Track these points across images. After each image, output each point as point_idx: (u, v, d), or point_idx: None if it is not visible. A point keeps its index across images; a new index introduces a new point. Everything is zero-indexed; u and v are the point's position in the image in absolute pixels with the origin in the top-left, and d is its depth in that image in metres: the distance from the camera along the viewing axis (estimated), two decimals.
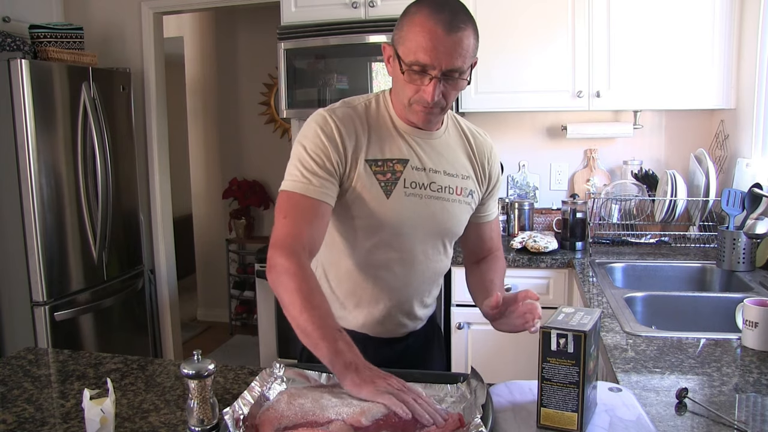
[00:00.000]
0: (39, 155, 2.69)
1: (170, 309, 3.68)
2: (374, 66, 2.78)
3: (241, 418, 0.98)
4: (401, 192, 1.29)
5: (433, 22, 1.15)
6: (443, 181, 1.33)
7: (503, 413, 1.03)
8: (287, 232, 1.20)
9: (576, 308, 1.04)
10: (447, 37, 1.15)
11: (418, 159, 1.31)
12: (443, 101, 1.23)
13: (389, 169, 1.28)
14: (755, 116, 2.38)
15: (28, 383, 1.30)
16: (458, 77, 1.20)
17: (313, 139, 1.25)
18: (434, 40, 1.15)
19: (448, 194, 1.33)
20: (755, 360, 1.34)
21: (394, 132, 1.31)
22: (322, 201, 1.22)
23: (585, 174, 3.00)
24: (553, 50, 2.67)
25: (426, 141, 1.33)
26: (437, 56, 1.16)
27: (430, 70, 1.17)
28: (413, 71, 1.19)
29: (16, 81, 2.62)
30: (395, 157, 1.29)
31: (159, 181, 3.58)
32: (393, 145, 1.30)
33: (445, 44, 1.15)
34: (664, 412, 1.10)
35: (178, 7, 3.53)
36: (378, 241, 1.31)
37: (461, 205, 1.36)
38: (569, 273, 2.46)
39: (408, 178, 1.29)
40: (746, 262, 2.09)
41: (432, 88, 1.19)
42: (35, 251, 2.70)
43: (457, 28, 1.16)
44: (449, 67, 1.17)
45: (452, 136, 1.38)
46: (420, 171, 1.31)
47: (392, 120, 1.32)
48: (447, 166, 1.34)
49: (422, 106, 1.23)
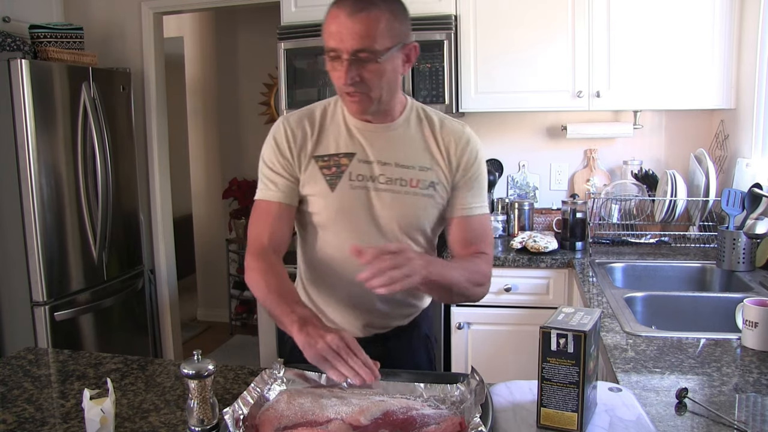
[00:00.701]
0: (39, 155, 2.69)
1: (170, 309, 3.68)
2: None
3: (241, 418, 0.98)
4: (346, 185, 1.33)
5: (337, 7, 1.21)
6: (394, 173, 1.33)
7: (503, 413, 1.03)
8: (253, 237, 1.35)
9: (576, 308, 1.04)
10: (350, 18, 1.19)
11: (365, 152, 1.34)
12: (365, 86, 1.24)
13: (335, 163, 1.34)
14: (755, 116, 2.38)
15: (28, 383, 1.30)
16: (372, 59, 1.22)
17: (267, 147, 1.38)
18: (338, 24, 1.20)
19: (400, 186, 1.33)
20: (755, 360, 1.34)
21: (344, 128, 1.36)
22: (279, 202, 1.34)
23: (585, 174, 3.00)
24: (553, 50, 2.67)
25: (377, 134, 1.35)
26: (342, 39, 1.20)
27: (341, 54, 1.21)
28: (330, 58, 1.24)
29: (16, 81, 2.62)
30: (341, 152, 1.34)
31: (159, 181, 3.58)
32: (341, 141, 1.35)
33: (348, 26, 1.19)
34: (664, 412, 1.10)
35: (178, 7, 3.53)
36: (331, 235, 1.36)
37: (418, 198, 1.34)
38: (569, 273, 2.46)
39: (354, 171, 1.33)
40: (746, 262, 2.09)
41: (344, 71, 1.22)
42: (35, 251, 2.70)
43: (360, 9, 1.19)
44: (355, 48, 1.20)
45: (412, 128, 1.37)
46: (367, 164, 1.34)
47: (345, 118, 1.37)
48: (400, 158, 1.34)
49: (346, 93, 1.26)
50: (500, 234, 2.87)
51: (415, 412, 1.01)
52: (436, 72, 2.69)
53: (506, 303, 2.52)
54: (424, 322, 1.52)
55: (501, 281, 2.51)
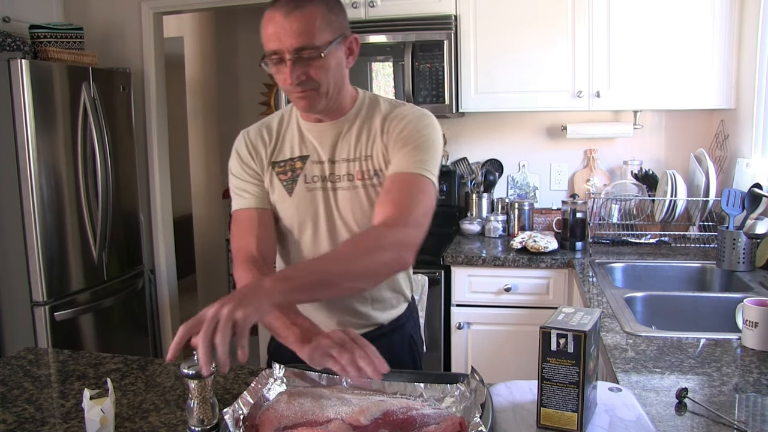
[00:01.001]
0: (39, 155, 2.69)
1: (170, 309, 3.68)
2: (374, 66, 2.78)
3: (241, 418, 0.98)
4: (303, 188, 1.35)
5: (273, 10, 1.21)
6: (341, 170, 1.34)
7: (503, 413, 1.03)
8: (237, 248, 1.33)
9: (576, 308, 1.03)
10: (286, 18, 1.19)
11: (317, 153, 1.35)
12: (311, 82, 1.24)
13: (290, 168, 1.36)
14: (755, 116, 2.38)
15: (28, 383, 1.30)
16: (315, 55, 1.22)
17: (232, 160, 1.40)
18: (275, 25, 1.20)
19: (348, 181, 1.34)
20: (755, 360, 1.34)
21: (297, 133, 1.38)
22: (256, 207, 1.35)
23: (585, 174, 3.00)
24: (553, 50, 2.67)
25: (328, 133, 1.35)
26: (281, 39, 1.20)
27: (283, 55, 1.21)
28: (273, 62, 1.24)
29: (16, 81, 2.61)
30: (296, 156, 1.36)
31: (159, 181, 3.58)
32: (296, 145, 1.37)
33: (285, 25, 1.19)
34: (664, 412, 1.10)
35: (178, 7, 3.52)
36: (298, 238, 1.38)
37: (366, 189, 1.32)
38: (569, 273, 2.46)
39: (309, 173, 1.35)
40: (746, 262, 2.09)
41: (288, 70, 1.21)
42: (35, 251, 2.70)
43: (295, 8, 1.20)
44: (296, 46, 1.20)
45: (363, 120, 1.34)
46: (320, 164, 1.35)
47: (298, 122, 1.39)
48: (348, 152, 1.34)
49: (293, 92, 1.26)
50: (500, 234, 2.87)
51: (415, 412, 1.01)
52: (436, 72, 2.69)
53: (506, 303, 2.52)
54: (408, 323, 1.51)
55: (501, 281, 2.51)
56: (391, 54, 2.74)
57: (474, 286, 2.55)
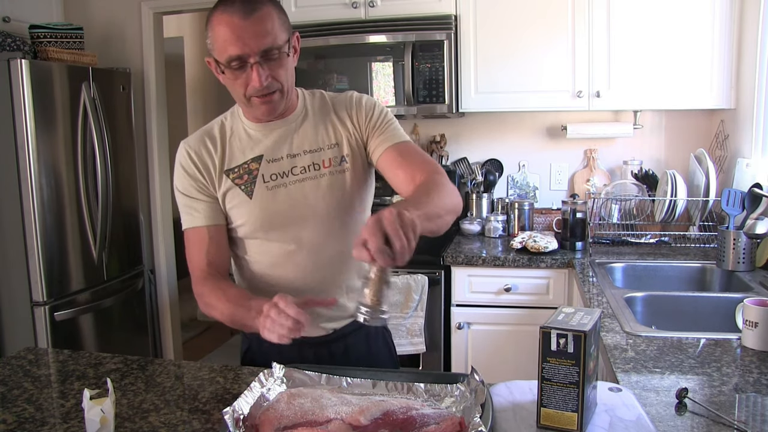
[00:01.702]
0: (39, 155, 2.69)
1: (170, 309, 3.68)
2: (374, 66, 2.78)
3: (241, 418, 0.98)
4: (262, 188, 1.33)
5: (228, 14, 1.18)
6: (305, 161, 1.34)
7: (503, 413, 1.03)
8: (192, 268, 1.34)
9: (576, 308, 1.04)
10: (246, 21, 1.17)
11: (272, 151, 1.34)
12: (276, 83, 1.24)
13: (245, 171, 1.34)
14: (755, 116, 2.38)
15: (28, 383, 1.30)
16: (278, 55, 1.22)
17: (176, 176, 1.36)
18: (236, 30, 1.17)
19: (314, 171, 1.34)
20: (755, 360, 1.34)
21: (245, 136, 1.35)
22: (206, 225, 1.33)
23: (585, 174, 3.00)
24: (553, 50, 2.67)
25: (279, 130, 1.34)
26: (245, 43, 1.18)
27: (248, 59, 1.19)
28: (234, 68, 1.21)
29: (16, 81, 2.62)
30: (248, 158, 1.34)
31: (159, 181, 3.58)
32: (246, 149, 1.34)
33: (248, 29, 1.17)
34: (664, 412, 1.10)
35: (178, 7, 3.53)
36: (261, 242, 1.36)
37: (336, 176, 1.34)
38: (569, 273, 2.46)
39: (266, 173, 1.33)
40: (746, 262, 2.09)
41: (256, 74, 1.20)
42: (35, 251, 2.70)
43: (253, 10, 1.18)
44: (262, 48, 1.19)
45: (310, 112, 1.37)
46: (277, 161, 1.33)
47: (244, 125, 1.36)
48: (307, 144, 1.35)
49: (259, 96, 1.24)
50: (500, 234, 2.87)
51: (415, 412, 1.01)
52: (436, 72, 2.69)
53: (506, 303, 2.52)
54: None
55: (501, 281, 2.51)
56: (391, 54, 2.74)
57: (474, 286, 2.55)
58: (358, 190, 1.38)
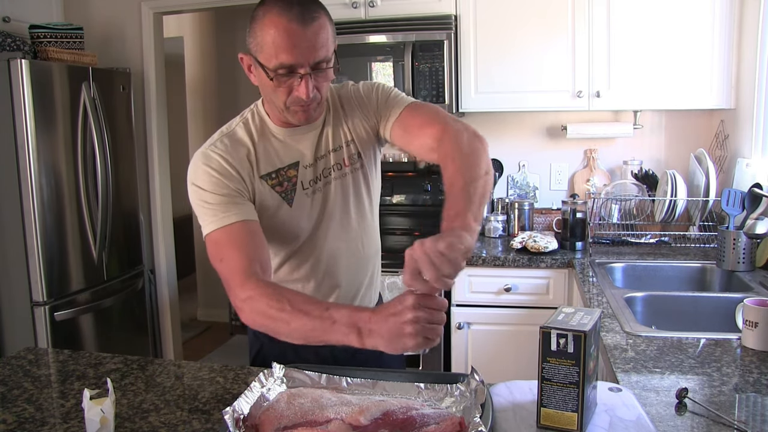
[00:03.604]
0: (39, 155, 2.69)
1: (170, 309, 3.68)
2: (374, 66, 2.78)
3: (241, 418, 0.98)
4: (302, 195, 1.31)
5: (286, 19, 1.12)
6: (330, 162, 1.33)
7: (503, 413, 1.03)
8: (229, 271, 1.15)
9: (576, 308, 1.04)
10: (304, 31, 1.12)
11: (304, 156, 1.31)
12: (318, 95, 1.21)
13: (285, 178, 1.30)
14: (755, 116, 2.38)
15: (28, 383, 1.30)
16: (326, 67, 1.19)
17: (206, 178, 1.22)
18: (293, 37, 1.12)
19: (338, 171, 1.33)
20: (755, 360, 1.34)
21: (275, 140, 1.31)
22: (244, 221, 1.19)
23: (585, 174, 3.00)
24: (553, 50, 2.67)
25: (310, 134, 1.32)
26: (301, 53, 1.13)
27: (299, 69, 1.15)
28: (281, 75, 1.16)
29: (16, 81, 2.61)
30: (285, 164, 1.30)
31: (159, 181, 3.58)
32: (282, 154, 1.30)
33: (305, 39, 1.13)
34: (664, 412, 1.10)
35: (178, 7, 3.53)
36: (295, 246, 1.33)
37: (355, 174, 1.35)
38: (569, 273, 2.46)
39: (304, 179, 1.31)
40: (746, 262, 2.09)
41: (305, 86, 1.16)
42: (35, 251, 2.70)
43: (312, 19, 1.13)
44: (315, 60, 1.15)
45: (332, 111, 1.36)
46: (311, 166, 1.32)
47: (271, 130, 1.31)
48: (330, 144, 1.33)
49: (300, 106, 1.20)
50: (500, 234, 2.87)
51: (415, 412, 1.01)
52: (436, 72, 2.69)
53: (506, 303, 2.52)
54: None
55: (501, 281, 2.51)
56: (391, 54, 2.74)
57: (474, 286, 2.55)
58: (372, 186, 1.39)
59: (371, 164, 1.38)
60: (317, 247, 1.35)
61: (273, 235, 1.31)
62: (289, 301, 1.06)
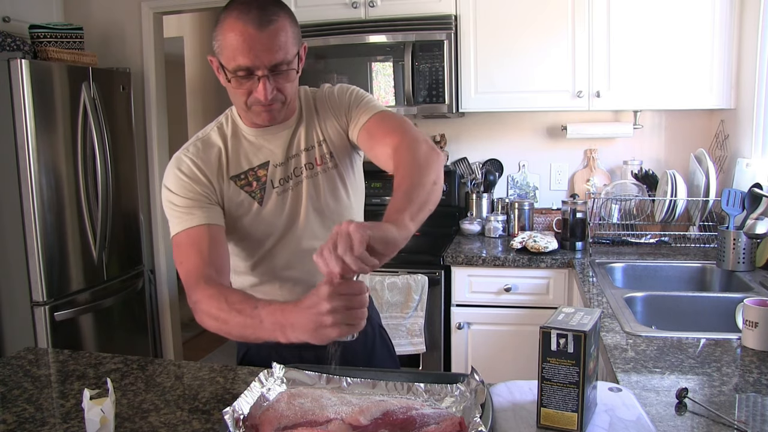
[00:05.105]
0: (39, 155, 2.69)
1: (170, 309, 3.68)
2: (374, 66, 2.78)
3: (241, 418, 0.98)
4: (272, 194, 1.31)
5: (242, 22, 1.14)
6: (301, 161, 1.34)
7: (503, 413, 1.03)
8: (187, 272, 1.20)
9: (576, 308, 1.03)
10: (260, 33, 1.14)
11: (275, 155, 1.32)
12: (281, 95, 1.23)
13: (253, 178, 1.31)
14: (755, 116, 2.38)
15: (28, 383, 1.30)
16: (286, 69, 1.20)
17: (175, 181, 1.27)
18: (249, 40, 1.14)
19: (309, 170, 1.34)
20: (755, 360, 1.34)
21: (246, 142, 1.33)
22: (207, 224, 1.23)
23: (585, 174, 3.00)
24: (553, 50, 2.67)
25: (281, 134, 1.33)
26: (257, 56, 1.15)
27: (256, 71, 1.17)
28: (240, 77, 1.18)
29: (16, 81, 2.62)
30: (255, 165, 1.32)
31: (159, 181, 3.58)
32: (251, 155, 1.32)
33: (261, 41, 1.14)
34: (664, 412, 1.10)
35: (178, 7, 3.53)
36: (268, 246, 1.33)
37: (328, 173, 1.35)
38: (569, 273, 2.46)
39: (274, 178, 1.32)
40: (746, 262, 2.09)
41: (263, 87, 1.18)
42: (35, 251, 2.70)
43: (268, 22, 1.14)
44: (272, 63, 1.17)
45: (305, 112, 1.37)
46: (282, 165, 1.32)
47: (243, 132, 1.34)
48: (303, 144, 1.34)
49: (262, 107, 1.22)
50: (500, 234, 2.87)
51: (414, 412, 1.01)
52: (436, 72, 2.69)
53: (506, 303, 2.52)
54: (371, 312, 1.50)
55: (501, 281, 2.51)
56: (391, 54, 2.74)
57: (474, 286, 2.55)
58: (350, 185, 1.39)
59: (346, 164, 1.38)
60: (293, 246, 1.35)
61: (247, 235, 1.33)
62: (227, 301, 1.10)
